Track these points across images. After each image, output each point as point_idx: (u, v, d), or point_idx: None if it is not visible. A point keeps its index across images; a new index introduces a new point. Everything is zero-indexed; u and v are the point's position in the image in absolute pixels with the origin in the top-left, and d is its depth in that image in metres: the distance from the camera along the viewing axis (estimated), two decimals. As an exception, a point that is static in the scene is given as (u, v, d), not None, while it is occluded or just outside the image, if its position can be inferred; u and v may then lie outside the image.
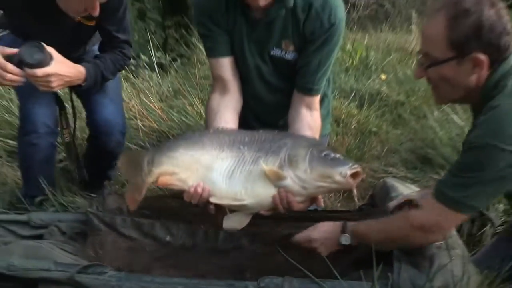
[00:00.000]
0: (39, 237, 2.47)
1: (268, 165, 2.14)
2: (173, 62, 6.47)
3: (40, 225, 2.50)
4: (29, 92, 2.82)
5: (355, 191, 2.12)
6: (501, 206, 2.59)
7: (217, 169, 2.21)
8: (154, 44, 6.60)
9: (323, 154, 2.13)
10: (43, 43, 2.45)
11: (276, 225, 2.49)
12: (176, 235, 2.55)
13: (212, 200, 2.18)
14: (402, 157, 3.84)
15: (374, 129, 4.37)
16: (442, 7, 1.91)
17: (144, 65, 6.11)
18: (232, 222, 2.22)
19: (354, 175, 2.08)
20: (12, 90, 4.01)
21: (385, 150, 4.02)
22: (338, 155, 2.16)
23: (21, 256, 2.27)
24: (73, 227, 2.51)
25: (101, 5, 2.56)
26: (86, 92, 2.96)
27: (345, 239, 2.07)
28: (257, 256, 2.39)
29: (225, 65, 2.67)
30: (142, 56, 6.43)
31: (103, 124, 3.02)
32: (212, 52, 2.69)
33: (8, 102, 4.07)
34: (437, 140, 3.81)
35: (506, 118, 1.79)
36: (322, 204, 2.30)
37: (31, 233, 2.49)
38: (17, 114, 3.55)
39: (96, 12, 2.52)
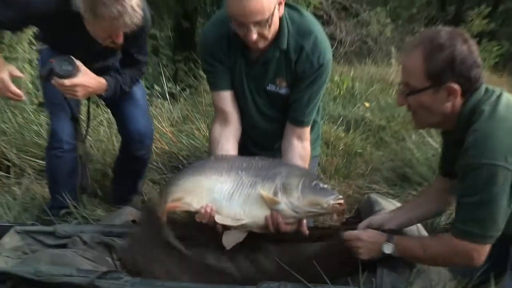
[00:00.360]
0: (63, 246, 2.46)
1: (265, 190, 2.20)
2: (182, 92, 6.48)
3: (64, 236, 2.49)
4: (57, 112, 2.96)
5: (335, 216, 2.16)
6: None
7: (218, 192, 2.25)
8: (165, 76, 6.62)
9: (313, 184, 2.19)
10: (72, 57, 2.52)
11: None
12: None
13: (217, 219, 2.21)
14: (384, 175, 3.85)
15: (359, 150, 4.38)
16: (420, 42, 1.95)
17: (157, 94, 6.10)
18: (230, 238, 2.25)
19: (338, 204, 2.16)
20: (41, 116, 4.07)
21: (369, 169, 4.03)
22: (325, 186, 2.23)
23: (47, 263, 2.28)
24: (93, 237, 2.52)
25: (125, 32, 2.60)
26: (116, 104, 3.06)
27: (388, 248, 2.05)
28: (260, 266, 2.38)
29: (226, 98, 2.69)
30: (156, 87, 6.44)
31: (136, 133, 3.08)
32: (215, 86, 2.71)
33: (37, 127, 4.09)
34: (414, 160, 3.83)
35: (493, 137, 1.82)
36: (306, 228, 2.29)
37: (56, 242, 2.48)
38: (45, 137, 3.61)
39: (120, 40, 2.56)
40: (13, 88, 2.46)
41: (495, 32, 18.55)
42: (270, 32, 2.37)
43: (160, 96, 6.03)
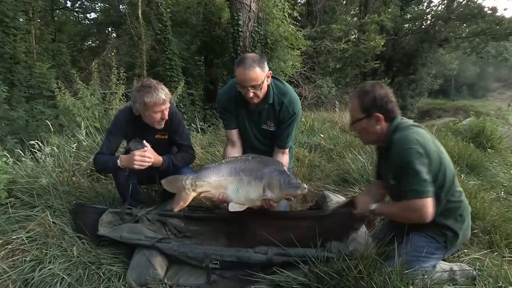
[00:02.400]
0: (136, 221, 2.47)
1: (258, 187, 2.24)
2: (208, 128, 6.49)
3: (137, 215, 2.50)
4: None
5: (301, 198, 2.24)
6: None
7: (229, 189, 2.28)
8: (198, 118, 6.67)
9: (287, 181, 2.20)
10: (143, 140, 2.56)
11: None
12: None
13: (230, 208, 2.26)
14: (333, 179, 3.81)
15: (317, 163, 4.36)
16: (356, 92, 2.07)
17: (193, 129, 6.13)
18: (234, 207, 2.27)
19: (304, 192, 2.25)
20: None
21: (323, 175, 3.99)
22: (296, 181, 2.23)
23: (127, 232, 2.31)
24: (154, 217, 2.52)
25: (167, 125, 2.71)
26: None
27: (374, 206, 2.08)
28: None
29: (234, 133, 2.76)
30: (192, 124, 6.45)
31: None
32: (227, 127, 2.77)
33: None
34: (351, 169, 3.80)
35: (406, 136, 1.90)
36: (275, 205, 2.33)
37: (132, 219, 2.48)
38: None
39: (166, 117, 2.63)
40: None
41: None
42: (261, 93, 2.47)
43: (195, 130, 6.01)
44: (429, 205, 1.83)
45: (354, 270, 1.77)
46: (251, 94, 2.42)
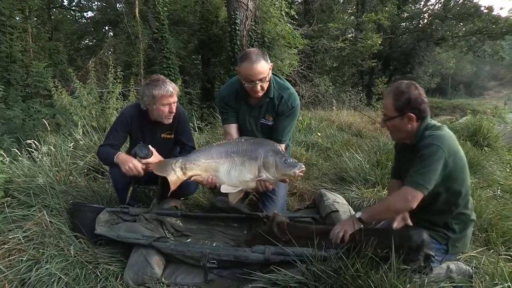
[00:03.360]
0: (134, 221, 2.46)
1: (252, 168, 2.23)
2: (206, 126, 6.48)
3: (134, 215, 2.49)
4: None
5: (299, 179, 2.20)
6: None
7: (221, 171, 2.28)
8: (196, 117, 6.64)
9: (283, 160, 2.19)
10: (149, 145, 2.56)
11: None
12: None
13: (222, 190, 2.27)
14: (330, 178, 3.80)
15: (314, 162, 4.35)
16: (390, 91, 2.04)
17: (191, 128, 6.12)
18: (233, 196, 2.29)
19: (301, 172, 2.20)
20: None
21: (320, 174, 3.99)
22: (292, 160, 2.22)
23: (124, 230, 2.30)
24: (151, 216, 2.50)
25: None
26: None
27: (358, 214, 2.03)
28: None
29: (233, 128, 2.74)
30: (190, 124, 6.44)
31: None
32: (226, 121, 2.76)
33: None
34: (348, 168, 3.80)
35: (438, 135, 1.93)
36: (271, 187, 2.33)
37: (129, 218, 2.48)
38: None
39: (174, 110, 2.64)
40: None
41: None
42: (266, 85, 2.51)
43: (192, 129, 5.97)
44: (418, 199, 1.87)
45: (351, 268, 1.77)
46: (259, 88, 2.46)
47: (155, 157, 2.55)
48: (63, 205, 2.68)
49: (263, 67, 2.40)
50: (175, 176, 2.31)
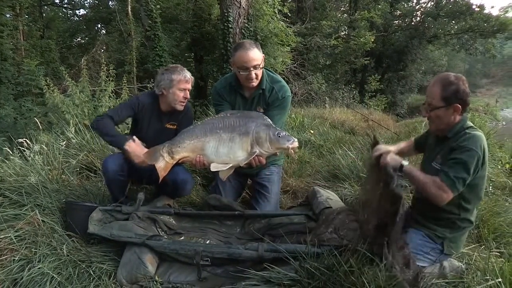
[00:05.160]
0: (126, 219, 2.44)
1: (244, 143, 2.19)
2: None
3: (127, 213, 2.47)
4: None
5: (293, 153, 2.16)
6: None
7: (208, 149, 2.25)
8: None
9: (276, 133, 2.15)
10: (133, 136, 2.60)
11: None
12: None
13: (212, 168, 2.23)
14: (322, 175, 3.79)
15: (307, 160, 4.34)
16: (438, 80, 2.03)
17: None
18: (225, 173, 2.25)
19: (294, 145, 2.15)
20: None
21: (313, 171, 3.98)
22: (285, 133, 2.18)
23: (117, 229, 2.29)
24: (144, 214, 2.49)
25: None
26: None
27: (405, 162, 2.03)
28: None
29: None
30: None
31: (179, 182, 2.73)
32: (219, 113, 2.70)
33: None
34: (340, 165, 3.80)
35: (478, 137, 1.95)
36: (264, 161, 2.29)
37: (122, 217, 2.46)
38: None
39: (188, 96, 2.75)
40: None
41: (383, 90, 18.82)
42: (260, 73, 2.57)
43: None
44: (449, 197, 1.89)
45: (345, 265, 1.78)
46: (253, 75, 2.50)
47: (138, 146, 2.54)
48: (55, 204, 2.66)
49: (257, 54, 2.48)
50: (163, 161, 2.31)
